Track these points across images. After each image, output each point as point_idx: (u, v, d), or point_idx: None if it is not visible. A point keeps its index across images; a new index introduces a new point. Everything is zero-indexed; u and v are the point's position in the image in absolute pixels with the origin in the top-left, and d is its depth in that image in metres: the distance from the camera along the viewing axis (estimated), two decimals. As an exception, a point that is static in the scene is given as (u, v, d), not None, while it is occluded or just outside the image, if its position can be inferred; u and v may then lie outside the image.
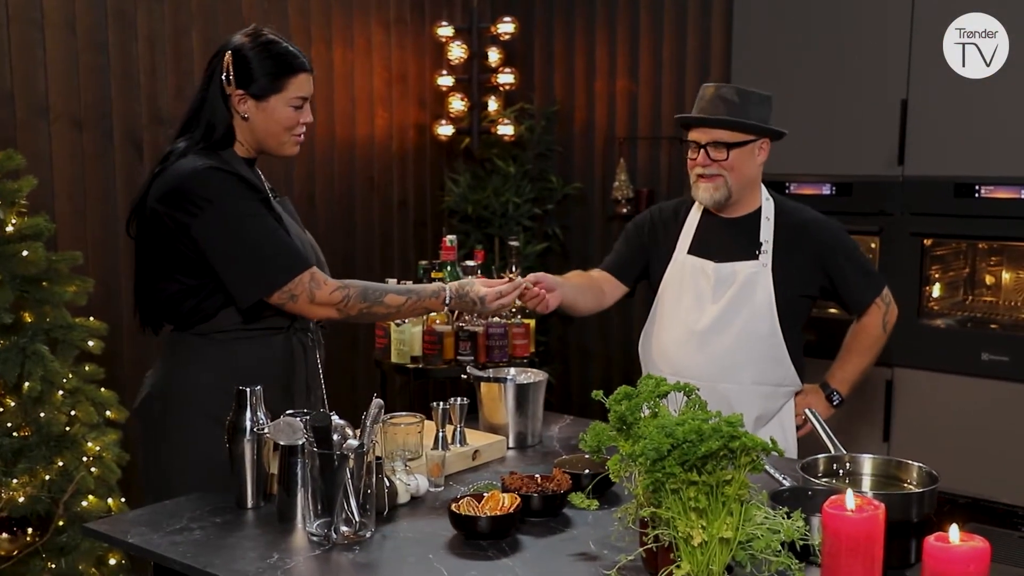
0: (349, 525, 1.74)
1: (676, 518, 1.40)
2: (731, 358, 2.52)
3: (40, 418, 2.77)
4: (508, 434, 2.36)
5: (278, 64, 2.08)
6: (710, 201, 2.54)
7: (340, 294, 2.08)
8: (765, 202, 2.58)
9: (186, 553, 1.70)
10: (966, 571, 1.25)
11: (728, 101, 2.46)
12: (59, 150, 3.44)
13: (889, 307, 2.60)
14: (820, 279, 2.55)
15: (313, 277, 2.07)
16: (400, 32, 4.64)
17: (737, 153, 2.48)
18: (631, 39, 4.58)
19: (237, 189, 2.03)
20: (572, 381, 4.92)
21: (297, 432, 1.83)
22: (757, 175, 2.56)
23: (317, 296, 2.07)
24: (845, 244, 2.57)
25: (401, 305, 2.15)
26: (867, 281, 2.58)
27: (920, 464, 1.90)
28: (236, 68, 2.08)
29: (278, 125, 2.11)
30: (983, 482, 3.04)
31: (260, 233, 2.03)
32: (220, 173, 2.03)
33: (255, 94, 2.09)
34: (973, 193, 3.22)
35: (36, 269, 2.79)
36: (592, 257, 4.77)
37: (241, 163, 2.15)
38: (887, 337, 2.62)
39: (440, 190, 4.89)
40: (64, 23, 3.42)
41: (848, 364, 2.63)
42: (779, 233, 2.54)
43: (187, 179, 2.02)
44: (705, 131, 2.49)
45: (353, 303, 2.10)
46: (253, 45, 2.09)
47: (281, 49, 2.10)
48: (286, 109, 2.10)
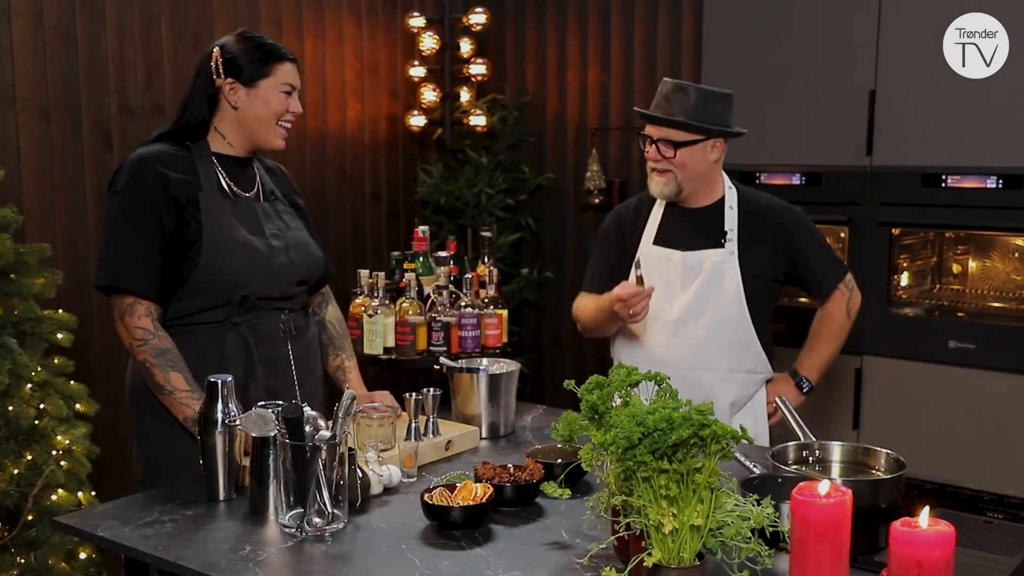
0: (322, 516, 1.74)
1: (647, 506, 1.41)
2: (704, 346, 2.54)
3: (8, 411, 2.74)
4: (481, 424, 2.37)
5: (264, 52, 2.21)
6: (660, 194, 2.57)
7: (141, 333, 2.09)
8: (728, 191, 2.60)
9: (157, 546, 1.69)
10: (931, 555, 1.27)
11: (682, 99, 2.47)
12: (26, 141, 3.40)
13: (852, 293, 2.65)
14: (784, 264, 2.59)
15: (132, 305, 2.10)
16: (371, 23, 4.61)
17: (685, 151, 2.49)
18: (602, 29, 4.58)
19: (136, 188, 2.11)
20: (545, 371, 4.93)
21: (269, 424, 1.83)
22: (712, 170, 2.57)
23: (126, 321, 2.11)
24: (807, 229, 2.61)
25: (178, 390, 2.07)
26: (830, 267, 2.63)
27: (888, 451, 1.93)
28: (225, 61, 2.19)
29: (267, 109, 2.21)
30: (950, 468, 3.09)
31: (121, 235, 2.11)
32: (139, 167, 2.13)
33: (245, 81, 2.20)
34: (940, 183, 3.25)
35: (4, 261, 2.76)
36: (565, 247, 4.78)
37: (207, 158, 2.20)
38: (852, 323, 2.67)
39: (413, 181, 4.87)
40: (31, 12, 3.37)
41: (815, 351, 2.68)
42: (743, 221, 2.57)
43: (119, 166, 2.19)
44: (657, 128, 2.51)
45: (145, 349, 2.08)
46: (239, 40, 2.23)
47: (266, 42, 2.24)
48: (276, 94, 2.21)
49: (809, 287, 2.65)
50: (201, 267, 2.11)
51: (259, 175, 2.33)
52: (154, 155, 2.17)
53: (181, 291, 2.13)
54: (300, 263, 2.28)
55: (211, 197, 2.17)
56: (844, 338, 2.69)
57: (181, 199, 2.13)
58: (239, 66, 2.19)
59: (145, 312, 2.10)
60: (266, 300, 2.21)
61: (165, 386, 2.08)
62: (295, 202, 2.42)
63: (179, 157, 2.19)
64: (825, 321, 2.66)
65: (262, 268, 2.17)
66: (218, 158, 2.23)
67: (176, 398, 2.08)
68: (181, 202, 2.13)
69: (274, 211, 2.30)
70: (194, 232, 2.12)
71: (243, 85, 2.19)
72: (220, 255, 2.12)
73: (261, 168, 2.36)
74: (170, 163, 2.16)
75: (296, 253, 2.27)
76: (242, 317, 2.18)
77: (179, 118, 2.25)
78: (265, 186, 2.33)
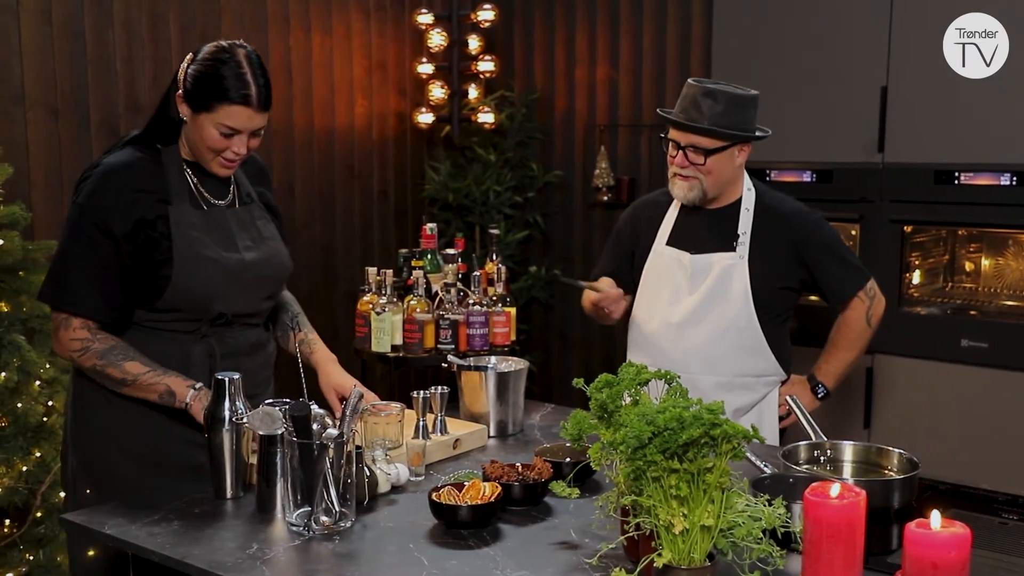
0: (329, 515, 1.73)
1: (657, 506, 1.40)
2: (707, 350, 2.52)
3: (17, 408, 2.74)
4: (489, 423, 2.35)
5: (217, 87, 2.00)
6: (684, 199, 2.54)
7: (79, 344, 2.03)
8: (747, 192, 2.57)
9: (164, 544, 1.69)
10: (947, 557, 1.26)
11: (711, 105, 2.43)
12: (35, 138, 3.40)
13: (874, 300, 2.58)
14: (799, 272, 2.55)
15: (67, 319, 2.04)
16: (380, 19, 4.60)
17: (715, 158, 2.47)
18: (611, 26, 4.56)
19: (94, 204, 2.02)
20: (553, 369, 4.92)
21: (276, 422, 1.82)
22: (736, 174, 2.55)
23: (60, 335, 2.06)
24: (823, 237, 2.56)
25: (139, 375, 2.00)
26: (848, 274, 2.56)
27: (901, 451, 1.91)
28: (187, 71, 2.04)
29: (203, 142, 2.05)
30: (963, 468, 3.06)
31: (69, 251, 2.05)
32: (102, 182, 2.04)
33: (190, 103, 2.04)
34: (953, 180, 3.23)
35: (12, 258, 2.77)
36: (573, 245, 4.77)
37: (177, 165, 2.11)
38: (872, 331, 2.60)
39: (420, 178, 4.87)
40: (39, 10, 3.38)
41: (833, 358, 2.63)
42: (758, 225, 2.53)
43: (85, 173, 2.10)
44: (684, 134, 2.48)
45: (88, 356, 2.03)
46: (211, 58, 2.03)
47: (233, 72, 2.01)
48: (212, 131, 2.03)
49: (826, 295, 2.59)
50: (173, 285, 2.03)
51: (233, 178, 2.19)
52: (120, 169, 2.05)
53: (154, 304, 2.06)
54: (272, 276, 2.20)
55: (181, 211, 2.07)
56: (864, 346, 2.63)
57: (149, 216, 2.03)
58: (188, 87, 2.03)
59: (81, 325, 2.03)
60: (237, 316, 2.15)
61: (125, 378, 2.01)
62: (269, 203, 2.29)
63: (148, 168, 2.07)
64: (843, 328, 2.60)
65: (233, 286, 2.09)
66: (188, 164, 2.12)
67: (141, 382, 2.01)
68: (149, 219, 2.03)
69: (249, 217, 2.19)
70: (164, 250, 2.03)
71: (188, 106, 2.04)
72: (192, 273, 2.04)
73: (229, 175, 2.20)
74: (137, 177, 2.05)
75: (268, 267, 2.18)
76: (212, 330, 2.12)
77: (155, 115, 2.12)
78: (241, 189, 2.21)
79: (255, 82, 2.02)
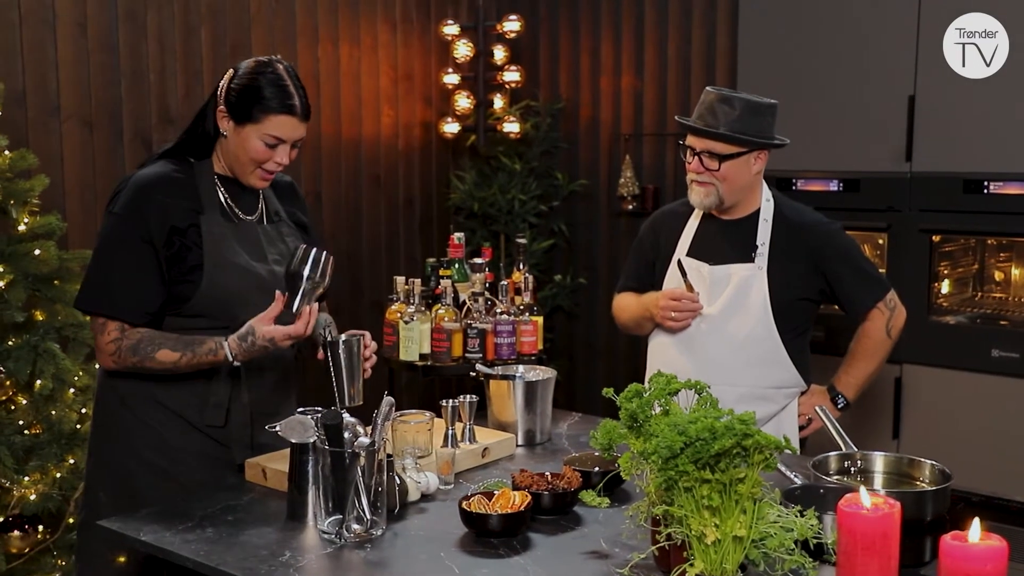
0: (360, 523, 1.75)
1: (689, 516, 1.40)
2: (724, 361, 2.50)
3: (51, 416, 2.78)
4: (517, 431, 2.36)
5: (263, 97, 2.07)
6: (700, 204, 2.54)
7: (113, 346, 2.07)
8: (765, 203, 2.56)
9: (199, 551, 1.71)
10: (983, 570, 1.25)
11: (727, 111, 2.43)
12: (70, 150, 3.45)
13: (894, 312, 2.57)
14: (818, 283, 2.54)
15: (104, 323, 2.07)
16: (406, 31, 4.64)
17: (730, 164, 2.46)
18: (636, 35, 4.57)
19: (132, 214, 2.06)
20: (578, 378, 4.92)
21: (308, 430, 1.84)
22: (754, 181, 2.54)
23: (98, 342, 2.10)
24: (841, 248, 2.54)
25: (176, 360, 2.04)
26: (867, 286, 2.55)
27: (933, 462, 1.90)
28: (229, 87, 2.11)
29: (246, 154, 2.10)
30: (995, 480, 3.03)
31: (109, 259, 2.08)
32: (138, 194, 2.07)
33: (234, 116, 2.09)
34: (982, 189, 3.21)
35: (48, 268, 2.80)
36: (598, 253, 4.77)
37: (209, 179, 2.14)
38: (893, 342, 2.58)
39: (446, 188, 4.89)
40: (75, 24, 3.43)
41: (853, 369, 2.60)
42: (776, 235, 2.53)
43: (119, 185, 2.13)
44: (700, 139, 2.48)
45: (124, 355, 2.07)
46: (253, 72, 2.10)
47: (276, 83, 2.08)
48: (257, 142, 2.09)
49: (844, 307, 2.57)
50: (202, 291, 2.07)
51: (262, 196, 2.25)
52: (154, 180, 2.10)
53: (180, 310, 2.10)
54: None
55: (212, 221, 2.11)
56: (884, 357, 2.60)
57: (181, 225, 2.08)
58: (232, 100, 2.09)
59: (115, 327, 2.07)
60: None
61: (165, 363, 2.04)
62: (300, 220, 2.34)
63: (180, 179, 2.12)
64: (863, 339, 2.58)
65: (263, 295, 2.10)
66: (220, 179, 2.17)
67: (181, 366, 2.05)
68: (181, 228, 2.08)
69: (277, 234, 2.23)
70: (195, 257, 2.07)
71: (232, 119, 2.10)
72: (221, 280, 2.08)
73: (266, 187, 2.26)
74: (170, 188, 2.09)
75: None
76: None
77: (189, 128, 2.19)
78: (269, 206, 2.26)
79: (297, 93, 2.11)
